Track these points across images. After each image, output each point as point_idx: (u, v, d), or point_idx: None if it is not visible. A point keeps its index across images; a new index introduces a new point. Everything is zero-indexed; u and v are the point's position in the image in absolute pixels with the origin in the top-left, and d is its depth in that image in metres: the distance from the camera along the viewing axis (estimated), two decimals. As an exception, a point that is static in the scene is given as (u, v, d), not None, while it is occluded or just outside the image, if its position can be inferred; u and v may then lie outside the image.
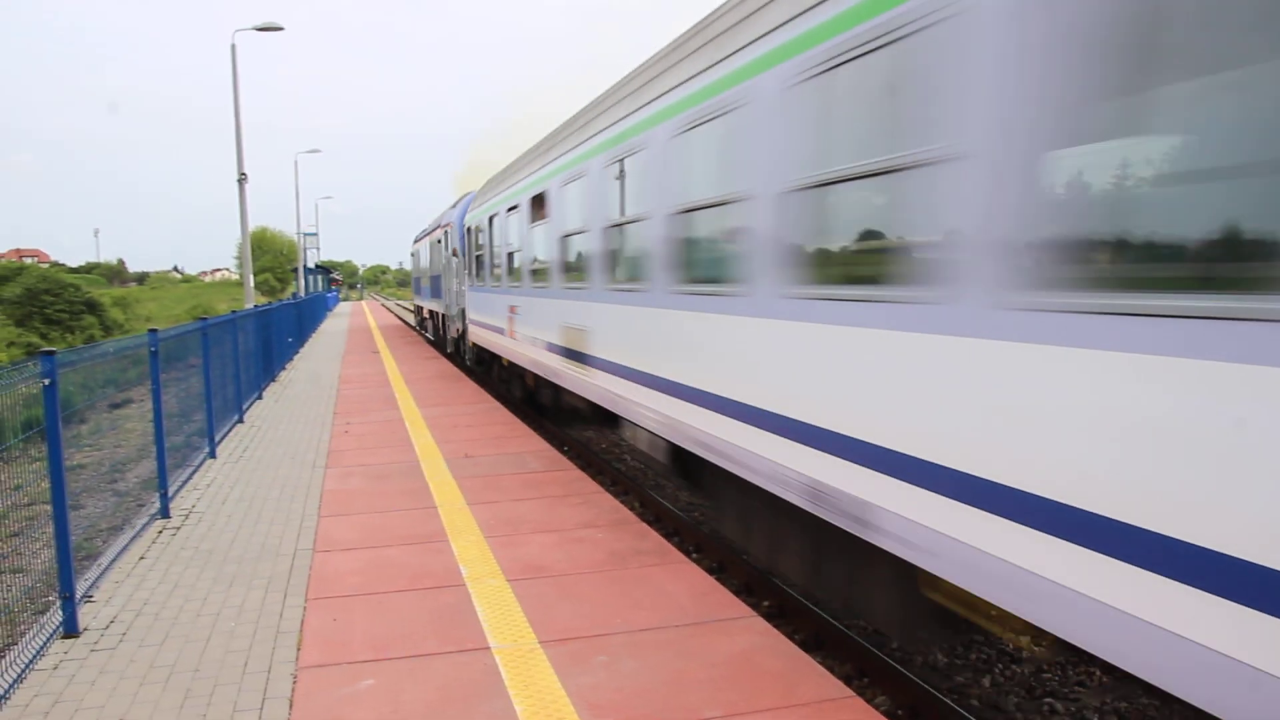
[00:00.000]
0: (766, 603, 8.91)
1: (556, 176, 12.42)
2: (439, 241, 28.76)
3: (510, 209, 16.03)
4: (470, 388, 20.02)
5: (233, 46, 29.76)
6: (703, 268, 7.68)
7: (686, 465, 8.91)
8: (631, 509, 11.68)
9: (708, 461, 7.61)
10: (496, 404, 17.36)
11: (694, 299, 7.65)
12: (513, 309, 15.92)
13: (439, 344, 28.98)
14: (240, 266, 37.49)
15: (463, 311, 23.55)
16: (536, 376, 15.25)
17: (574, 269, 11.71)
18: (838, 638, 7.92)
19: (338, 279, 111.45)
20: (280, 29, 29.79)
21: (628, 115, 9.27)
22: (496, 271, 17.79)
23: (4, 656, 5.93)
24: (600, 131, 10.24)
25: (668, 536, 10.96)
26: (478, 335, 20.97)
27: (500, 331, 17.44)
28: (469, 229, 21.95)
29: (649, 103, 8.62)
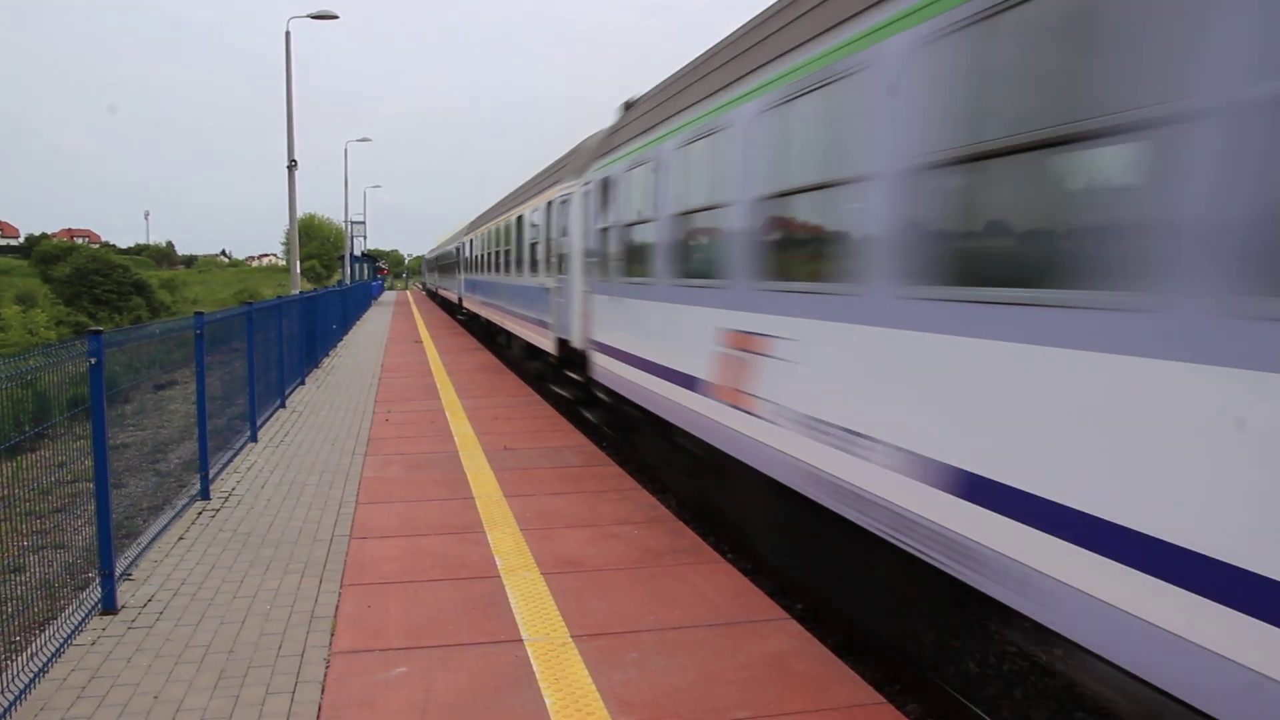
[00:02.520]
0: (800, 605, 8.85)
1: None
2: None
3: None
4: (512, 380, 20.07)
5: (287, 34, 30.05)
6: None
7: None
8: (668, 506, 11.66)
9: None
10: (537, 398, 17.39)
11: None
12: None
13: (484, 336, 27.14)
14: (287, 253, 37.78)
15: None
16: None
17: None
18: (870, 643, 7.86)
19: (383, 268, 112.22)
20: (335, 17, 30.00)
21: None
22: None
23: (44, 630, 6.01)
24: None
25: (703, 536, 10.91)
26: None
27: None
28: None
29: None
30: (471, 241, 33.95)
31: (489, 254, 27.71)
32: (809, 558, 7.74)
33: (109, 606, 6.59)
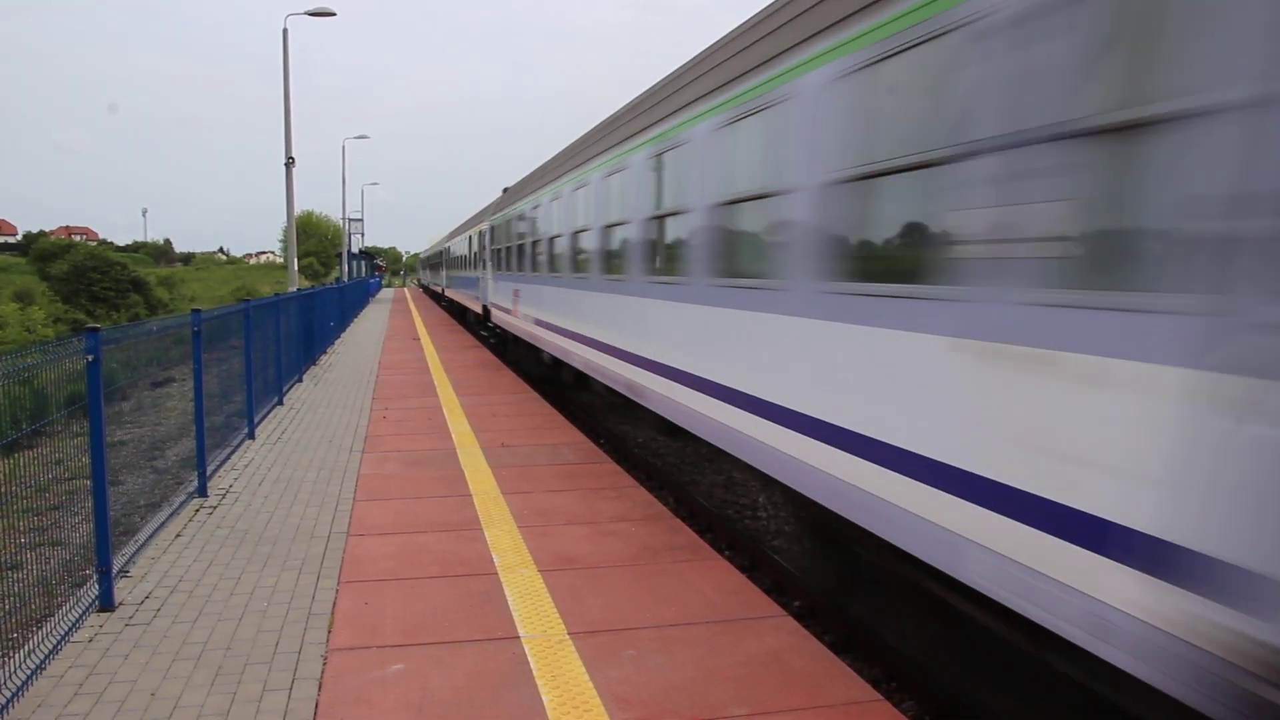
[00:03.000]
0: (797, 603, 8.86)
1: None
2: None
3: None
4: (509, 377, 20.07)
5: (284, 31, 30.05)
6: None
7: None
8: (665, 504, 11.67)
9: None
10: (535, 395, 17.39)
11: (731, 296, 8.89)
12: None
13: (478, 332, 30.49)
14: (285, 250, 37.76)
15: None
16: None
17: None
18: (867, 640, 7.87)
19: (381, 265, 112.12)
20: (332, 14, 29.99)
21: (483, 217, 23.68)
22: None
23: (41, 627, 6.01)
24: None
25: (700, 533, 10.93)
26: None
27: None
28: None
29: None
30: (447, 249, 52.54)
31: (453, 258, 46.24)
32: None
33: (106, 603, 6.59)
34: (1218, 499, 3.33)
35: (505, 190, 23.76)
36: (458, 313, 44.37)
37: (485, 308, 27.64)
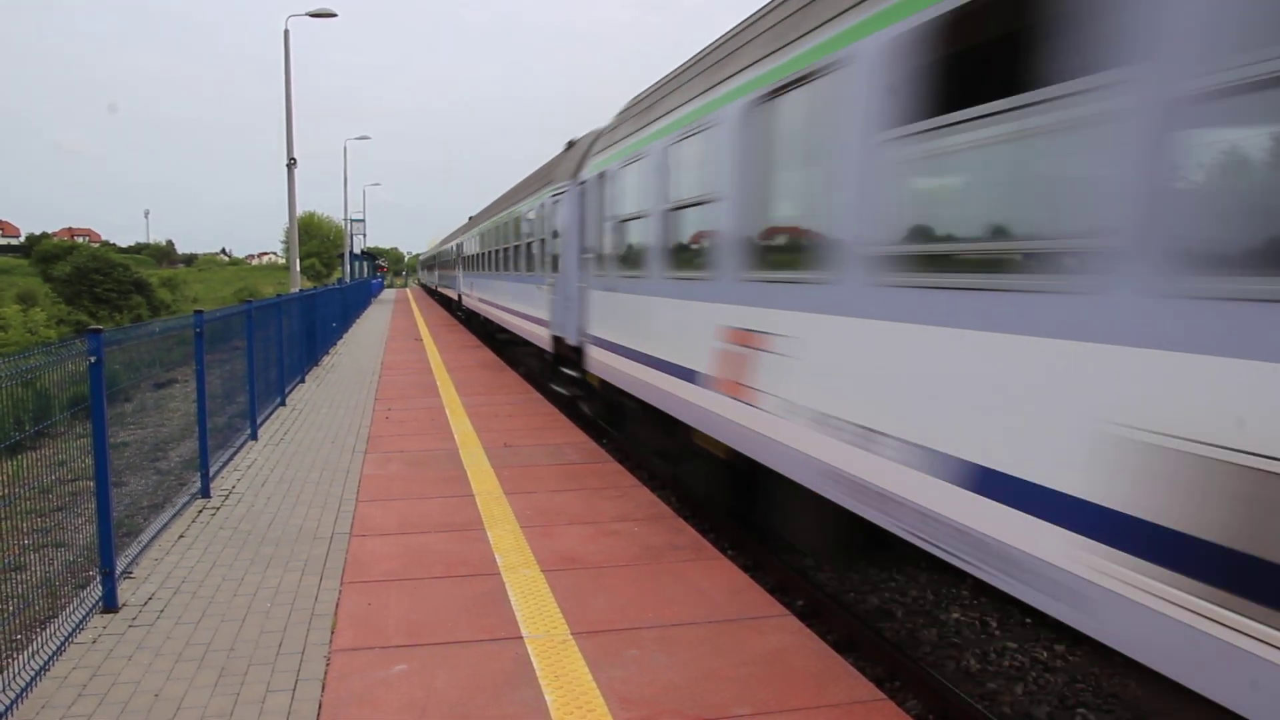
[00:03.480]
0: (800, 602, 8.86)
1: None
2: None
3: None
4: (512, 378, 20.07)
5: (285, 32, 30.04)
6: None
7: None
8: (668, 504, 11.67)
9: None
10: (538, 395, 17.40)
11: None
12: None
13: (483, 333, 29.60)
14: (287, 251, 37.79)
15: None
16: None
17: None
18: (870, 640, 7.87)
19: (383, 265, 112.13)
20: (333, 15, 29.98)
21: (461, 232, 32.36)
22: None
23: (45, 629, 6.01)
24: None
25: (703, 532, 10.92)
26: None
27: None
28: None
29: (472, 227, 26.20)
30: (435, 256, 70.81)
31: (447, 260, 54.75)
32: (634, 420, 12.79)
33: (110, 605, 6.59)
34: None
35: (472, 215, 33.53)
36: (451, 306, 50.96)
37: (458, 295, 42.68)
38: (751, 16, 8.30)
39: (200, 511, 9.15)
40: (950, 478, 4.85)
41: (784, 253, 7.31)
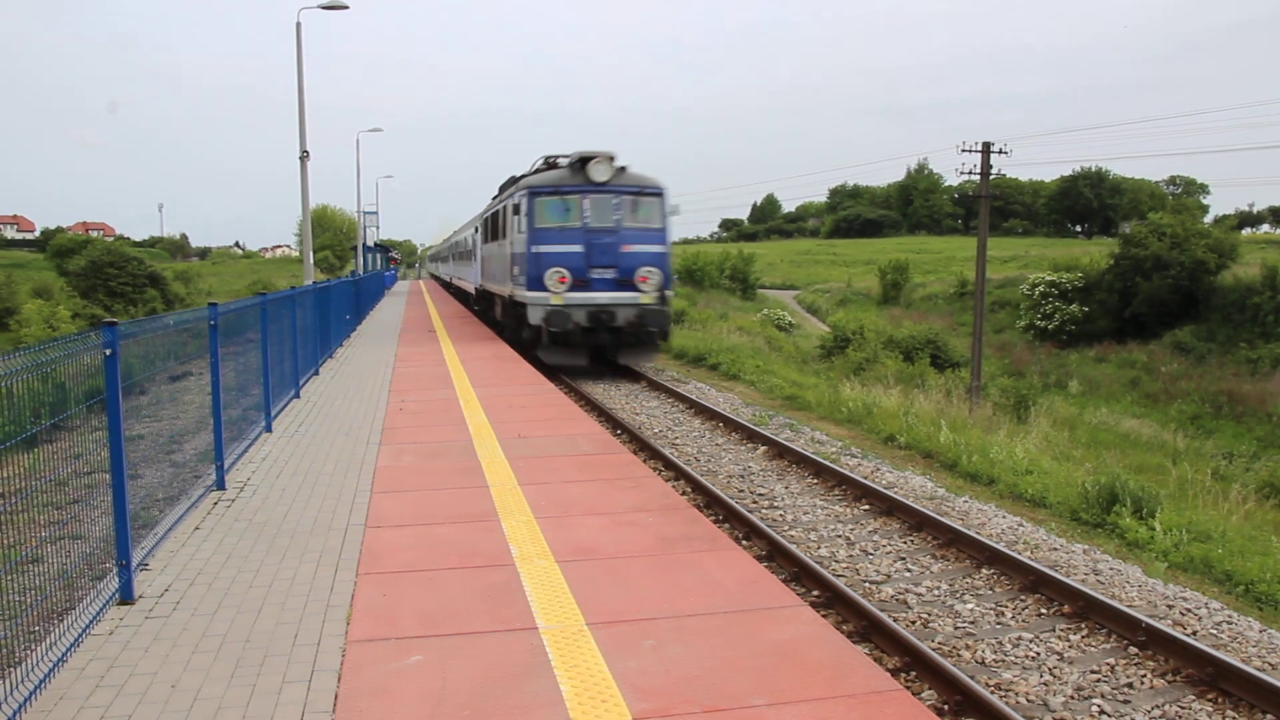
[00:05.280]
0: (815, 592, 8.86)
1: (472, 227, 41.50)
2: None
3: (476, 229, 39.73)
4: (526, 369, 20.08)
5: (298, 24, 30.02)
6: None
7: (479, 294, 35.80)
8: (683, 494, 11.66)
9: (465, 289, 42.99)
10: (551, 386, 17.40)
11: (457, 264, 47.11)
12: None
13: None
14: (300, 243, 37.89)
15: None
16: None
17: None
18: (886, 630, 7.86)
19: (396, 258, 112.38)
20: (345, 7, 29.96)
21: (458, 231, 54.36)
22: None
23: (62, 621, 6.04)
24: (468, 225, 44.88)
25: (718, 523, 10.93)
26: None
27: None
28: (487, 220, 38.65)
29: (472, 221, 40.32)
30: (436, 252, 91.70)
31: (442, 255, 76.15)
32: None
33: (126, 596, 6.62)
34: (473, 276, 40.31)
35: (455, 229, 54.01)
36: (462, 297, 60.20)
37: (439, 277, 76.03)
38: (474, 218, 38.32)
39: (215, 503, 9.17)
40: (462, 279, 44.88)
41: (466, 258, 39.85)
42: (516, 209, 23.08)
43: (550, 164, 23.80)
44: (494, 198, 29.83)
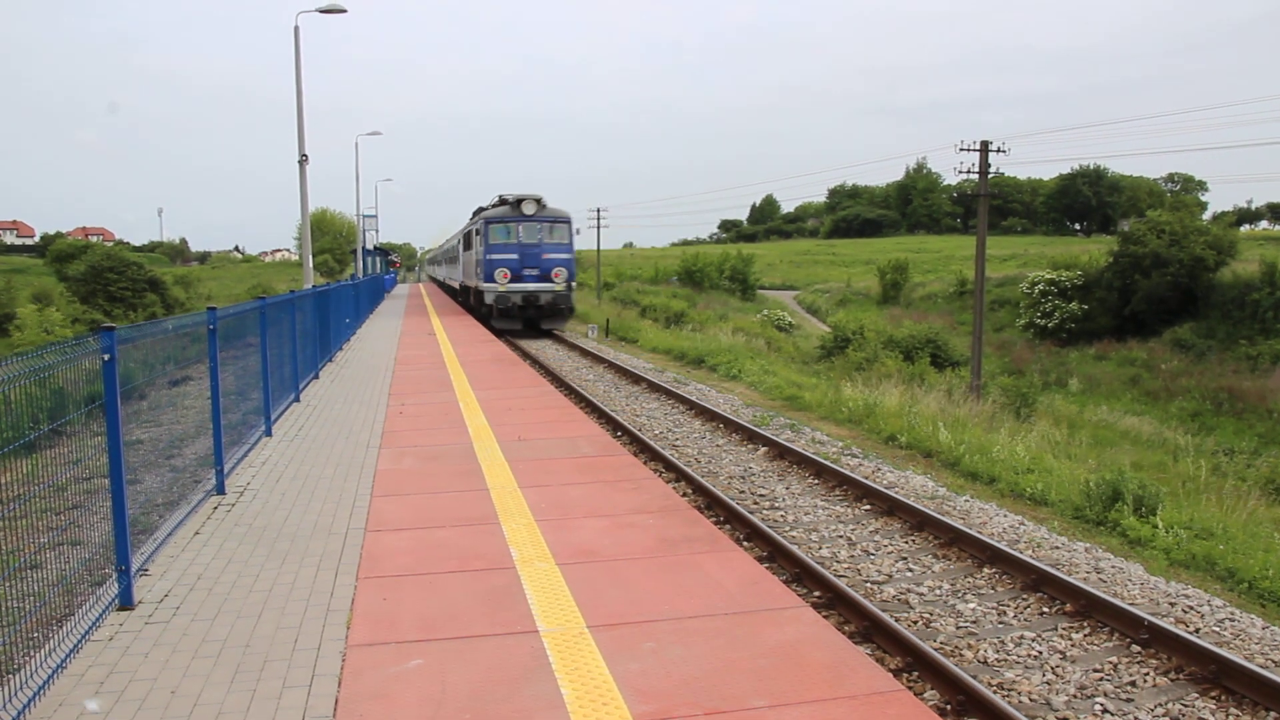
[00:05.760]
0: (817, 594, 8.84)
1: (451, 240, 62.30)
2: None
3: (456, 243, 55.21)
4: (526, 372, 20.08)
5: (295, 28, 30.00)
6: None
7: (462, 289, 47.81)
8: (683, 496, 11.65)
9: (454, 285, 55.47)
10: (551, 388, 17.40)
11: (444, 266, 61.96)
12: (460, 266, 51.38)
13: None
14: (300, 247, 37.92)
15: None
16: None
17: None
18: (887, 631, 7.84)
19: (396, 261, 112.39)
20: (343, 11, 29.94)
21: (448, 240, 67.96)
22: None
23: (61, 626, 6.02)
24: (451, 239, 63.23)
25: (719, 524, 10.91)
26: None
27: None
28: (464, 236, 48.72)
29: (454, 236, 57.32)
30: (428, 258, 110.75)
31: (437, 259, 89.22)
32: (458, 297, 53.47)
33: (125, 602, 6.60)
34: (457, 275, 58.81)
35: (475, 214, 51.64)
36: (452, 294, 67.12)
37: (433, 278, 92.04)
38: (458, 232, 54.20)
39: (215, 508, 9.16)
40: (451, 278, 60.03)
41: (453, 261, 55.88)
42: (478, 232, 37.04)
43: (502, 200, 36.30)
44: (470, 220, 43.71)
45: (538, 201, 35.09)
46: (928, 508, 11.31)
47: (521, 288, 34.48)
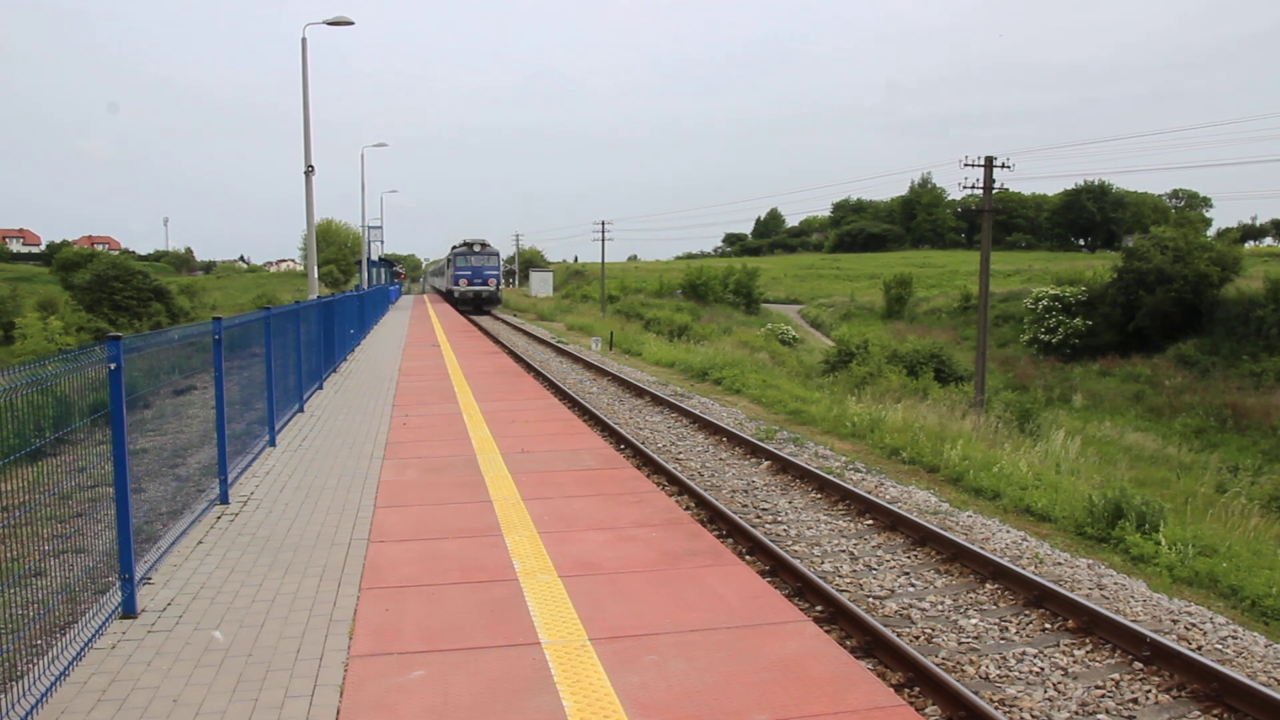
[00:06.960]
0: (819, 608, 8.84)
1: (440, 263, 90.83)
2: (448, 263, 69.76)
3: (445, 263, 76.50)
4: (529, 384, 20.10)
5: (303, 40, 30.12)
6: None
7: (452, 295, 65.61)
8: (686, 509, 11.65)
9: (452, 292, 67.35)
10: (554, 400, 17.41)
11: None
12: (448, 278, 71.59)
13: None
14: (305, 258, 38.03)
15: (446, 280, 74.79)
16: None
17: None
18: (889, 646, 7.84)
19: (401, 272, 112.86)
20: (350, 23, 30.02)
21: (439, 262, 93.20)
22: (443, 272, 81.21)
23: (65, 634, 6.04)
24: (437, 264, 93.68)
25: (721, 538, 10.91)
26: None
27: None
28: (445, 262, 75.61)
29: (442, 258, 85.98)
30: (429, 271, 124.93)
31: (431, 274, 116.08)
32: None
33: (129, 610, 6.62)
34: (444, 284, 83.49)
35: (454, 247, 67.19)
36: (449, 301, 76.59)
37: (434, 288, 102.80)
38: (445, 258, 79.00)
39: (219, 518, 9.18)
40: (439, 285, 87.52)
41: (442, 274, 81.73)
42: (450, 261, 65.24)
43: (466, 244, 60.51)
44: (450, 251, 67.18)
45: (482, 244, 60.78)
46: (930, 523, 11.31)
47: (472, 289, 60.55)
